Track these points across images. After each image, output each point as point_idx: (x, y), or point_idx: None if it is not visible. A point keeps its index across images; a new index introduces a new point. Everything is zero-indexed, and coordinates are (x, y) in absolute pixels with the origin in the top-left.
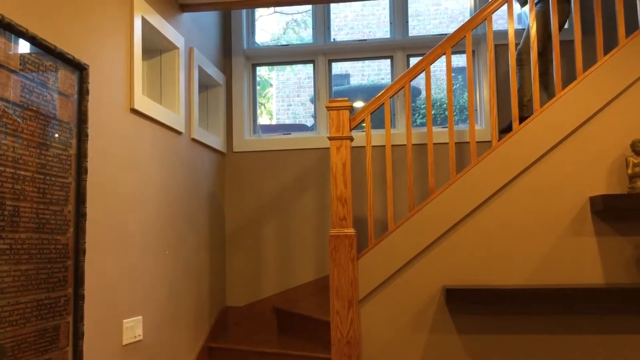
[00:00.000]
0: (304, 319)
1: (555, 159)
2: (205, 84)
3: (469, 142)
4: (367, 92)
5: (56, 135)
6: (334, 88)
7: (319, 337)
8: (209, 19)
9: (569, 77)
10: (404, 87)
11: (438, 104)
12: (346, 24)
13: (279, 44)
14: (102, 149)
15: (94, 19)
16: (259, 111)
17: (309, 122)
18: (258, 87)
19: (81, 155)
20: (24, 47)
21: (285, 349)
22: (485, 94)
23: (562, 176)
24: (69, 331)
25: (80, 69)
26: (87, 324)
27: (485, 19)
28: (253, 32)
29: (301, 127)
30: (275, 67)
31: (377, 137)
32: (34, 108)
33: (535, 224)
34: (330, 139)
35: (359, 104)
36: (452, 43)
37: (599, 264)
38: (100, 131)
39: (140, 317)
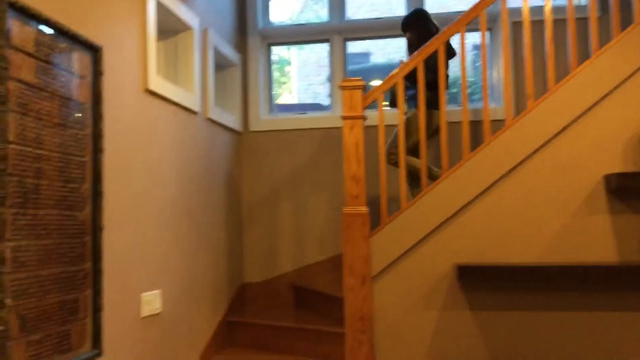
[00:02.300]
0: (319, 295)
1: (570, 137)
2: (221, 64)
3: (483, 121)
4: (387, 70)
5: (72, 115)
6: (354, 67)
7: (334, 312)
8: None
9: (585, 54)
10: (417, 66)
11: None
12: (365, 1)
13: (296, 22)
14: (118, 129)
15: (107, 0)
16: (279, 90)
17: (326, 101)
18: (276, 66)
19: (97, 134)
20: (38, 29)
21: (301, 323)
22: (502, 72)
23: (576, 154)
24: (88, 304)
25: (94, 50)
26: (106, 297)
27: None
28: (268, 12)
29: (318, 107)
30: (295, 46)
31: (392, 115)
32: (50, 89)
33: (548, 202)
34: (343, 118)
35: (377, 83)
36: (466, 21)
37: (613, 242)
38: (116, 111)
39: (159, 290)
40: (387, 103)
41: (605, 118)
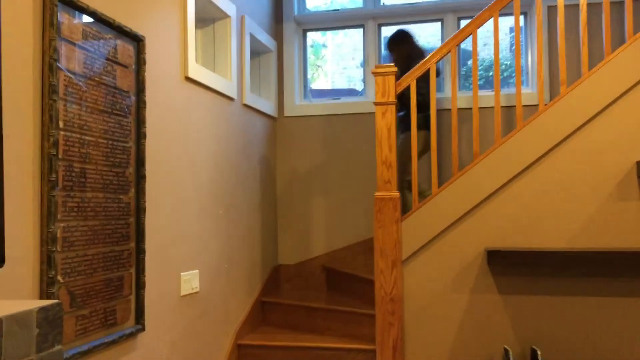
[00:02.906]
0: (351, 277)
1: (602, 123)
2: (257, 51)
3: (516, 106)
4: None
5: (117, 103)
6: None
7: (365, 294)
8: None
9: (621, 39)
10: (450, 51)
11: (487, 64)
12: None
13: (331, 8)
14: (159, 115)
15: None
16: (315, 74)
17: (360, 86)
18: (311, 49)
19: (140, 121)
20: (85, 21)
21: (332, 304)
22: (536, 56)
23: (608, 141)
24: (132, 281)
25: (137, 41)
26: (148, 276)
27: None
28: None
29: (352, 92)
30: (330, 31)
31: None
32: (97, 78)
33: (579, 188)
34: (376, 104)
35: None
36: (500, 6)
37: None
38: (157, 99)
39: (197, 270)
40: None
41: (638, 105)
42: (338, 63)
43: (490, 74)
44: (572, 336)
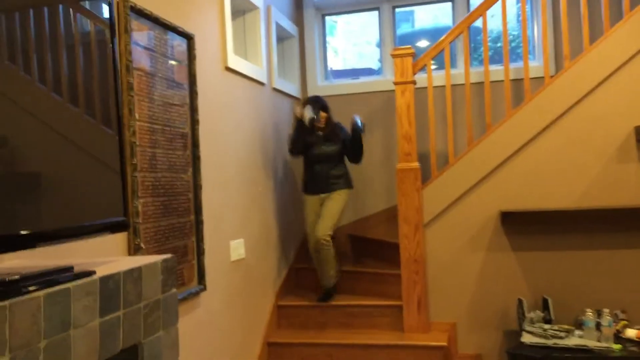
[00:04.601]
0: (375, 242)
1: (602, 93)
2: (282, 37)
3: (528, 79)
4: (434, 33)
5: (175, 94)
6: (401, 31)
7: (389, 257)
8: None
9: (619, 14)
10: (462, 32)
11: (495, 35)
12: None
13: None
14: (206, 104)
15: None
16: (330, 54)
17: (375, 65)
18: (330, 34)
19: (194, 109)
20: (149, 25)
21: (359, 267)
22: (542, 31)
23: (610, 108)
24: (194, 248)
25: (188, 38)
26: (206, 244)
27: None
28: None
29: (369, 72)
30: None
31: (439, 77)
32: (160, 74)
33: (583, 152)
34: (395, 83)
35: (423, 44)
36: None
37: None
38: (205, 89)
39: (242, 239)
40: (435, 66)
41: (637, 74)
42: (349, 40)
43: (499, 44)
44: (578, 285)
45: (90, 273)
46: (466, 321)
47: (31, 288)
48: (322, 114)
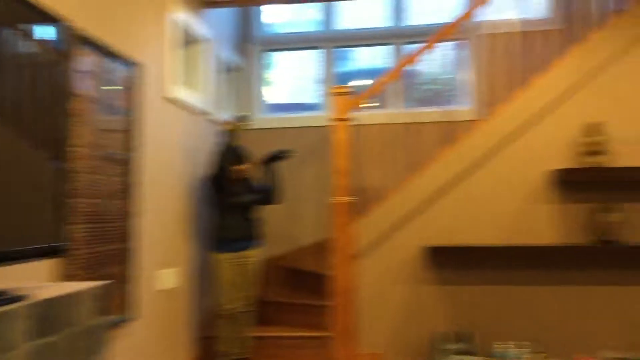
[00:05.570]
0: (306, 274)
1: (524, 138)
2: (225, 69)
3: (456, 122)
4: (370, 73)
5: (116, 121)
6: (342, 64)
7: (320, 289)
8: (228, 11)
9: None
10: (396, 77)
11: (427, 79)
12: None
13: (290, 31)
14: (146, 131)
15: (140, 22)
16: (274, 91)
17: (314, 100)
18: (272, 69)
19: (133, 136)
20: (94, 52)
21: (291, 298)
22: (475, 77)
23: (532, 153)
24: (126, 276)
25: (132, 66)
26: (137, 272)
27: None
28: (265, 22)
29: (308, 107)
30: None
31: (375, 116)
32: (102, 101)
33: (506, 193)
34: (332, 120)
35: (366, 82)
36: (437, 39)
37: (558, 226)
38: (145, 116)
39: (175, 268)
40: (374, 104)
41: (555, 123)
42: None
43: (433, 87)
44: (500, 318)
45: (21, 298)
46: (393, 352)
47: None
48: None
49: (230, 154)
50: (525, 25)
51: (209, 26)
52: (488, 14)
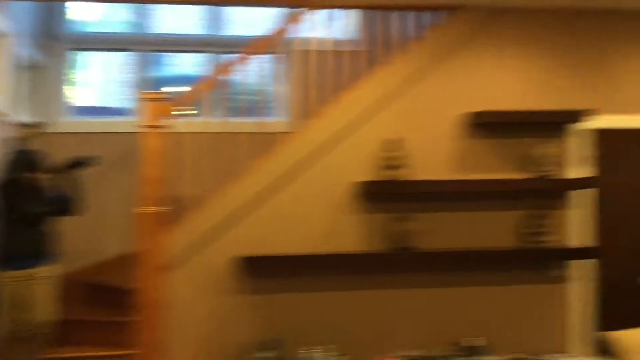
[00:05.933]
0: (111, 289)
1: (334, 150)
2: (27, 67)
3: (270, 133)
4: (184, 79)
5: None
6: (158, 69)
7: (126, 304)
8: (31, 4)
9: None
10: (209, 86)
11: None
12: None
13: (102, 31)
14: None
15: None
16: (84, 92)
17: (125, 105)
18: (80, 70)
19: None
20: None
21: (95, 316)
22: (289, 90)
23: (339, 165)
24: None
25: None
26: None
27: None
28: (73, 19)
29: (117, 111)
30: (100, 52)
31: (192, 124)
32: None
33: (315, 205)
34: (142, 126)
35: (174, 89)
36: (251, 52)
37: (362, 235)
38: None
39: None
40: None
41: (360, 138)
42: (107, 83)
43: (249, 98)
44: (306, 324)
45: None
46: None
47: None
48: None
49: (23, 160)
50: (336, 45)
51: (8, 19)
52: (302, 31)
